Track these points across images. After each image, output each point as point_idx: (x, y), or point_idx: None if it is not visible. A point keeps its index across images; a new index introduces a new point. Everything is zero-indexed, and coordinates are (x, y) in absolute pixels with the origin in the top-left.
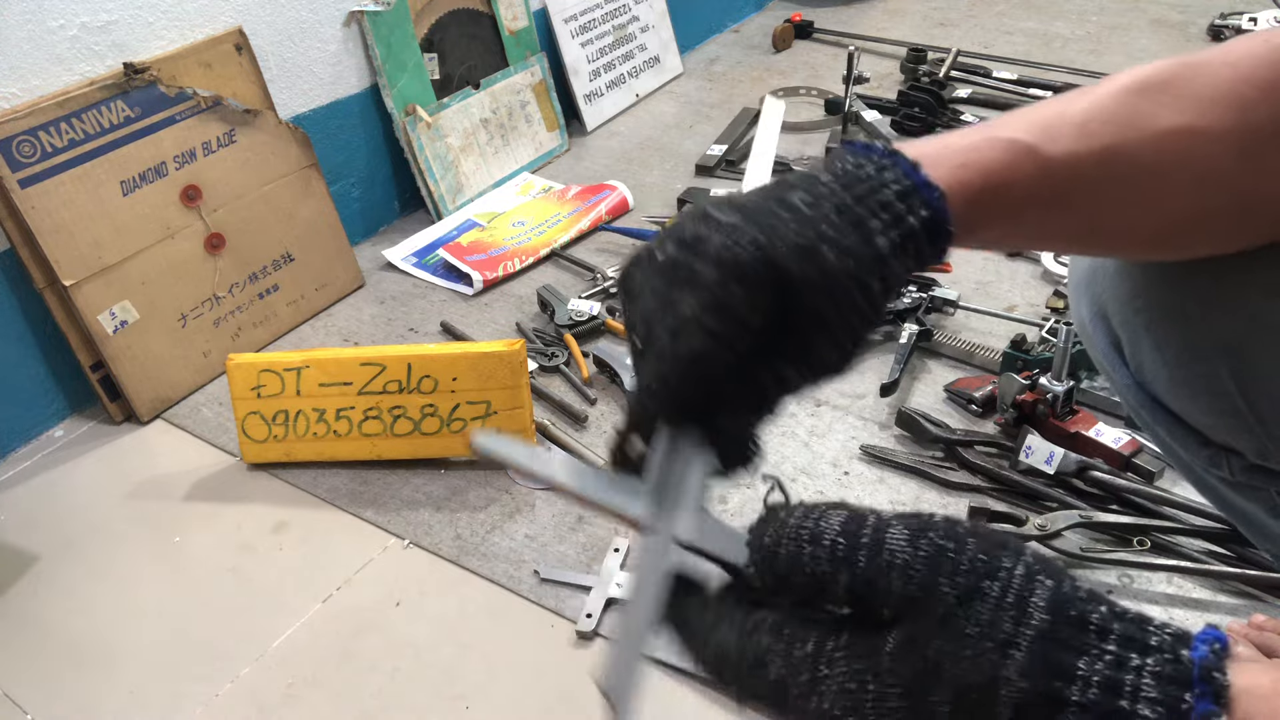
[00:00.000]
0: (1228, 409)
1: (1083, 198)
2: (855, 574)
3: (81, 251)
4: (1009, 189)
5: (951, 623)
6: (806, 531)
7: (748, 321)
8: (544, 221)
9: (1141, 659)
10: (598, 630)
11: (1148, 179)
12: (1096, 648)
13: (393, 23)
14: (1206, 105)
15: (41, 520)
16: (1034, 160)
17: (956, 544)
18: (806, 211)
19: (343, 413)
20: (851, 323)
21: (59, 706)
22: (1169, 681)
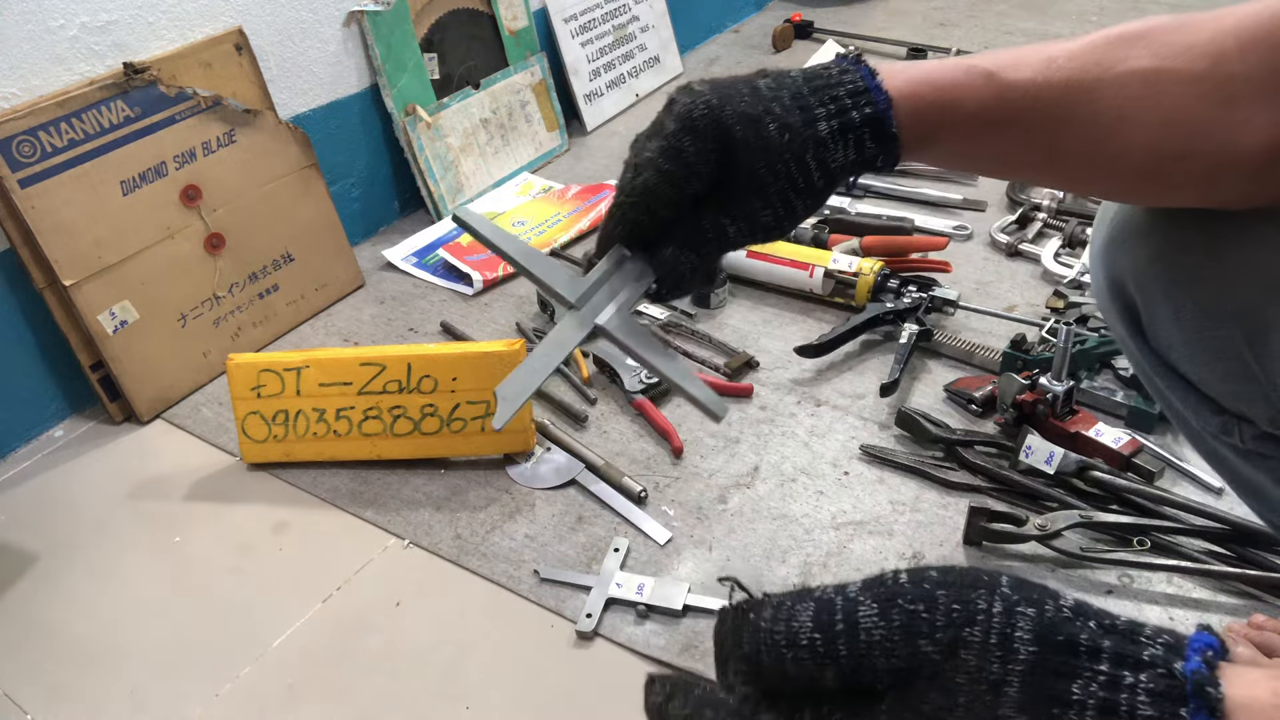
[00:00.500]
0: (1242, 374)
1: (1038, 123)
2: (840, 666)
3: (81, 251)
4: (959, 104)
5: (940, 678)
6: (781, 635)
7: (694, 166)
8: (544, 221)
9: (1135, 676)
10: (598, 630)
11: (1108, 112)
12: (1089, 670)
13: (393, 23)
14: (1179, 51)
15: (41, 520)
16: (990, 83)
17: (928, 603)
18: (764, 92)
19: (343, 413)
20: (783, 189)
21: (59, 706)
22: (1164, 698)
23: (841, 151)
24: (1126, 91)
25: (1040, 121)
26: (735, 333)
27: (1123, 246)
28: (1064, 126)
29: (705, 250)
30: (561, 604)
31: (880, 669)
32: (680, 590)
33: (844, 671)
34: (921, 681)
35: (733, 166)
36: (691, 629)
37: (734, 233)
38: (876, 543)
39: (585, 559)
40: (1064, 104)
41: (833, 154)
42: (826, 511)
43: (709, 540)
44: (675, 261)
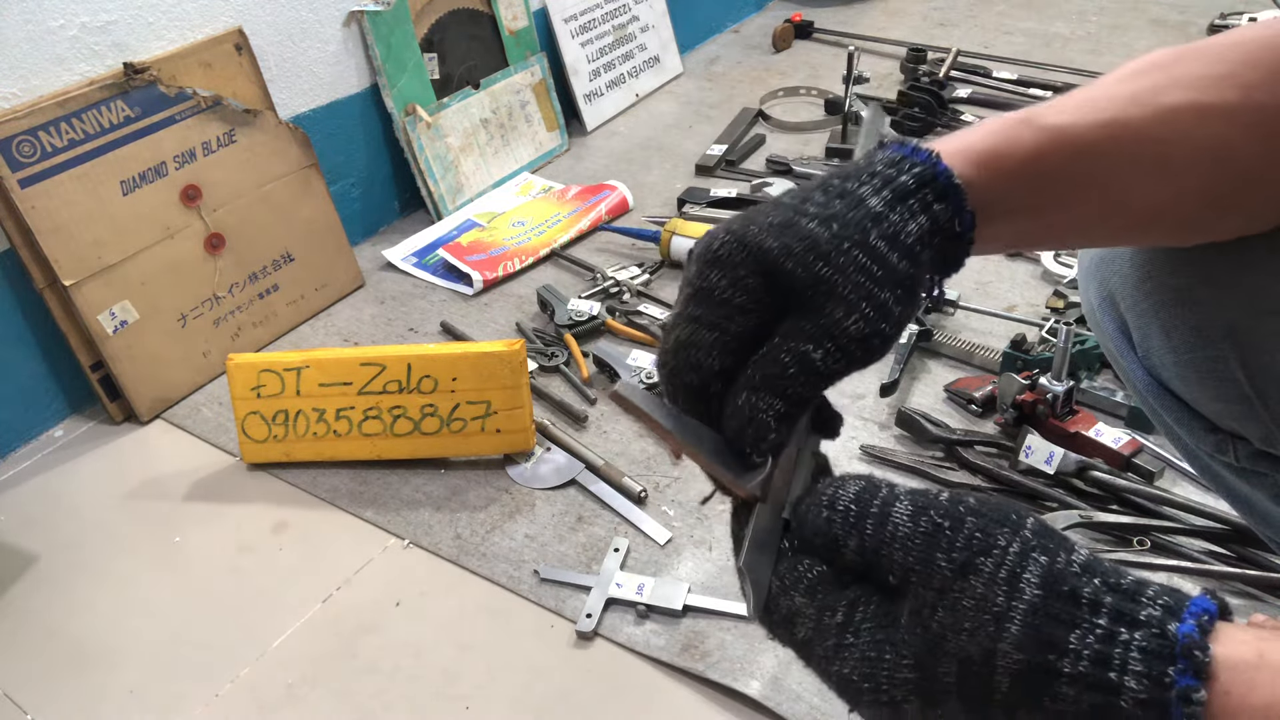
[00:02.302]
0: (1234, 395)
1: (1090, 168)
2: (863, 541)
3: (81, 251)
4: (1010, 152)
5: (949, 595)
6: (827, 497)
7: (730, 300)
8: (544, 221)
9: (1130, 633)
10: (598, 630)
11: (1155, 151)
12: (1088, 621)
13: (393, 23)
14: (1210, 84)
15: (41, 520)
16: (1030, 127)
17: (954, 522)
18: (789, 200)
19: (343, 413)
20: (861, 284)
21: (59, 706)
22: (1154, 656)
23: (907, 219)
24: (1169, 129)
25: (1091, 166)
26: None
27: (1113, 264)
28: (1114, 169)
29: (786, 387)
30: (561, 604)
31: (897, 562)
32: (680, 590)
33: (864, 549)
34: (931, 593)
35: (789, 287)
36: (691, 629)
37: (821, 357)
38: None
39: (585, 559)
40: (1111, 146)
41: (898, 225)
42: None
43: (709, 540)
44: (750, 414)
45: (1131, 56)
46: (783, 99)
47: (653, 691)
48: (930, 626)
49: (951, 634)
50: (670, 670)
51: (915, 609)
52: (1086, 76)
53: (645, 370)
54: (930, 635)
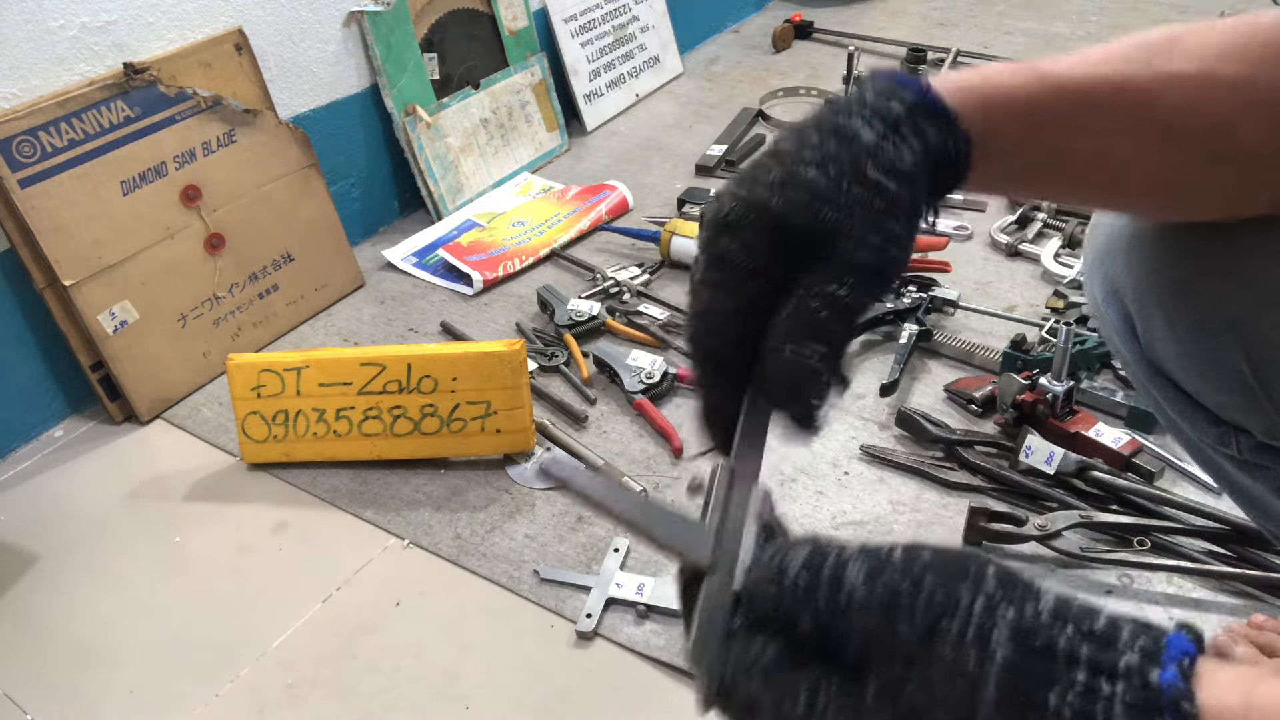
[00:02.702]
0: (1237, 386)
1: (1087, 118)
2: (817, 614)
3: (81, 251)
4: (1011, 96)
5: (916, 666)
6: (776, 566)
7: (743, 262)
8: (544, 221)
9: (1111, 687)
10: (598, 630)
11: (1155, 114)
12: (1065, 678)
13: (393, 23)
14: (1219, 57)
15: (41, 520)
16: (1036, 74)
17: (912, 582)
18: (787, 147)
19: (343, 413)
20: (867, 216)
21: (59, 706)
22: (1140, 711)
23: (901, 147)
24: (1175, 94)
25: (1096, 119)
26: None
27: (1118, 257)
28: (1119, 126)
29: (822, 328)
30: (561, 604)
31: (854, 632)
32: None
33: (819, 622)
34: (898, 664)
35: (801, 237)
36: None
37: (845, 292)
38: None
39: (585, 559)
40: (1117, 101)
41: (893, 154)
42: (826, 512)
43: None
44: (795, 361)
45: None
46: (783, 99)
47: (653, 691)
48: (901, 703)
49: (925, 709)
50: (670, 670)
51: (883, 685)
52: None
53: (645, 370)
54: (903, 712)
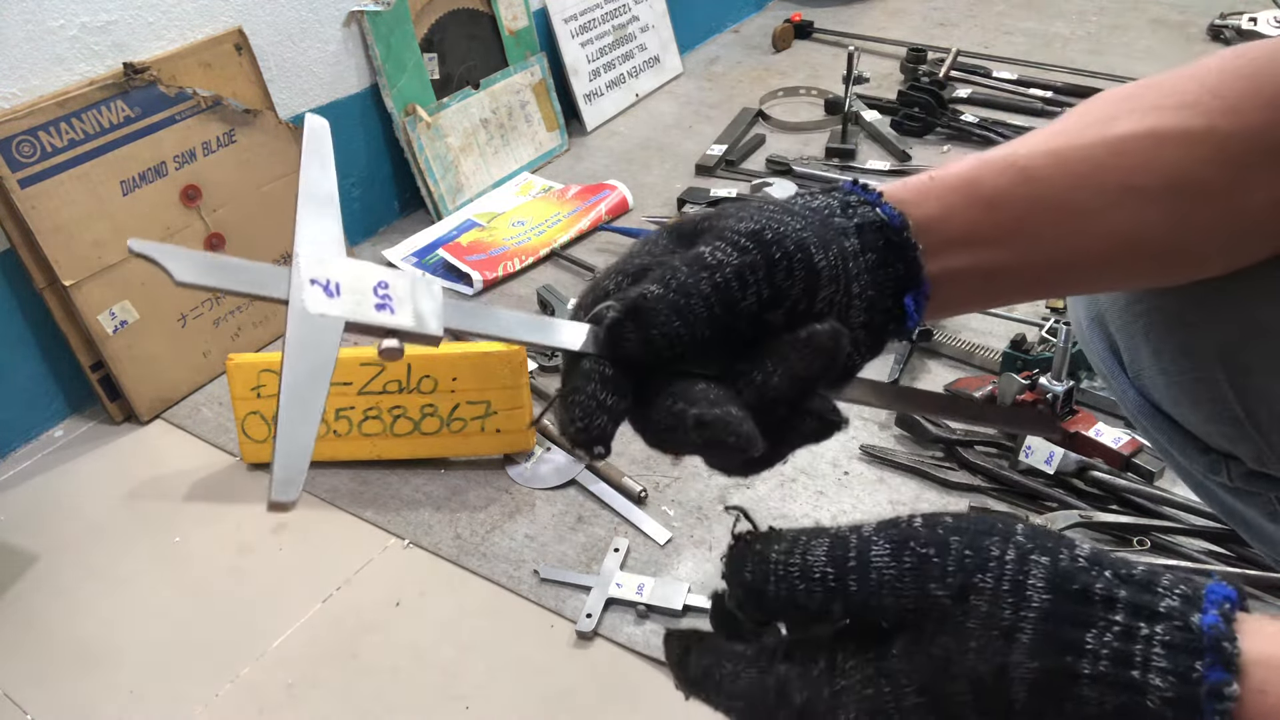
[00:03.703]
0: (1225, 416)
1: (1039, 193)
2: (849, 601)
3: (81, 251)
4: (951, 176)
5: (951, 621)
6: (796, 568)
7: None
8: (544, 221)
9: (1150, 628)
10: (598, 630)
11: (1108, 178)
12: (1103, 619)
13: (393, 23)
14: (1169, 112)
15: (41, 520)
16: (983, 160)
17: (939, 548)
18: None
19: (342, 413)
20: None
21: (59, 706)
22: (1180, 651)
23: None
24: (1125, 158)
25: (1042, 191)
26: None
27: None
28: (1070, 196)
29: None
30: (561, 604)
31: (889, 607)
32: (680, 590)
33: (852, 606)
34: (931, 624)
35: None
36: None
37: None
38: None
39: (585, 559)
40: (1060, 171)
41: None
42: (826, 511)
43: (709, 540)
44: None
45: (1131, 57)
46: (783, 99)
47: (653, 691)
48: (932, 653)
49: (957, 656)
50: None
51: (912, 639)
52: (1087, 77)
53: None
54: (934, 661)
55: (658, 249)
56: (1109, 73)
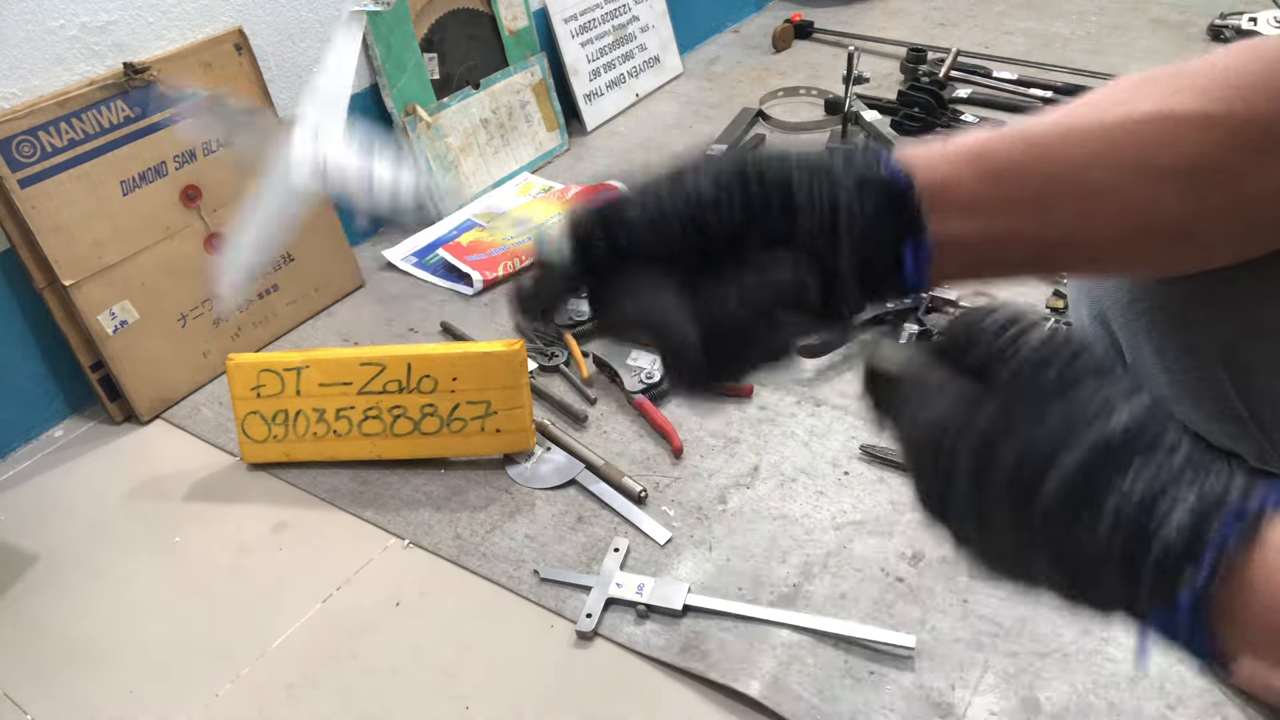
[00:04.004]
0: (1227, 414)
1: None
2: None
3: (81, 251)
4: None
5: (1044, 400)
6: (980, 314)
7: None
8: (544, 221)
9: (1196, 480)
10: (598, 630)
11: (1123, 156)
12: (1166, 452)
13: (393, 23)
14: (1186, 95)
15: (41, 520)
16: (1001, 133)
17: (1073, 353)
18: None
19: (343, 413)
20: None
21: (59, 706)
22: (1209, 501)
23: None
24: (1143, 137)
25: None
26: None
27: (1105, 282)
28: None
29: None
30: (561, 604)
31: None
32: (680, 590)
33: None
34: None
35: None
36: (691, 629)
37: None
38: (876, 543)
39: (585, 559)
40: (1078, 148)
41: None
42: (826, 511)
43: (709, 540)
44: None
45: (1131, 57)
46: (783, 99)
47: (653, 691)
48: (1015, 407)
49: (1033, 420)
50: (670, 670)
51: (996, 389)
52: (1086, 77)
53: (645, 370)
54: (1013, 413)
55: None
56: (1109, 73)
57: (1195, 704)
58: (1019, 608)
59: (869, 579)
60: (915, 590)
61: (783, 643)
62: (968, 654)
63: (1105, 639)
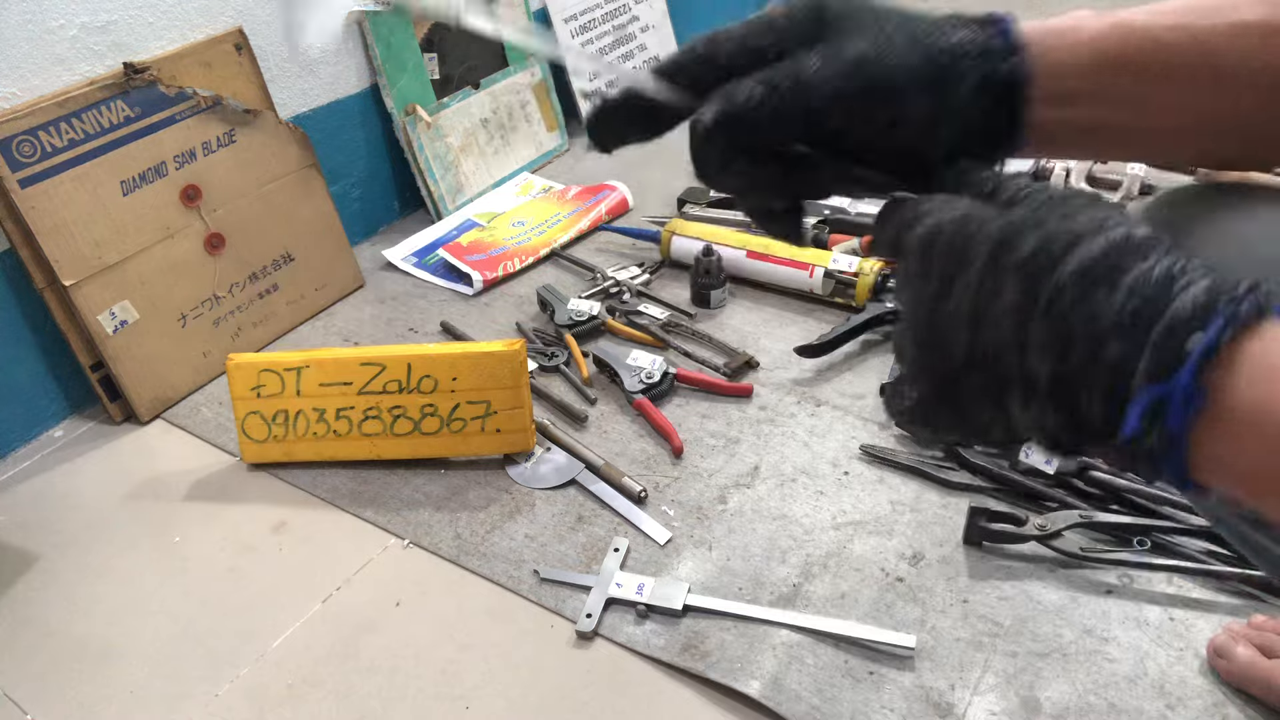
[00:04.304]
0: None
1: (1156, 60)
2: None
3: (81, 251)
4: (1077, 29)
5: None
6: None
7: None
8: (544, 221)
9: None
10: (598, 630)
11: (1219, 61)
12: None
13: (393, 23)
14: None
15: (41, 520)
16: (1105, 18)
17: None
18: None
19: (343, 413)
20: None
21: (59, 706)
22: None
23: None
24: (1241, 43)
25: (1177, 70)
26: (735, 333)
27: None
28: (1184, 71)
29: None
30: (561, 604)
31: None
32: (680, 590)
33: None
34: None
35: None
36: (691, 629)
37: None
38: (876, 542)
39: (585, 559)
40: (1182, 42)
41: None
42: (826, 511)
43: (709, 540)
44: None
45: None
46: None
47: (653, 691)
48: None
49: (1060, 219)
50: (670, 670)
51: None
52: None
53: (645, 370)
54: (1041, 213)
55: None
56: None
57: (1195, 704)
58: (1019, 608)
59: (869, 579)
60: (915, 590)
61: (783, 643)
62: (968, 654)
63: (1105, 639)
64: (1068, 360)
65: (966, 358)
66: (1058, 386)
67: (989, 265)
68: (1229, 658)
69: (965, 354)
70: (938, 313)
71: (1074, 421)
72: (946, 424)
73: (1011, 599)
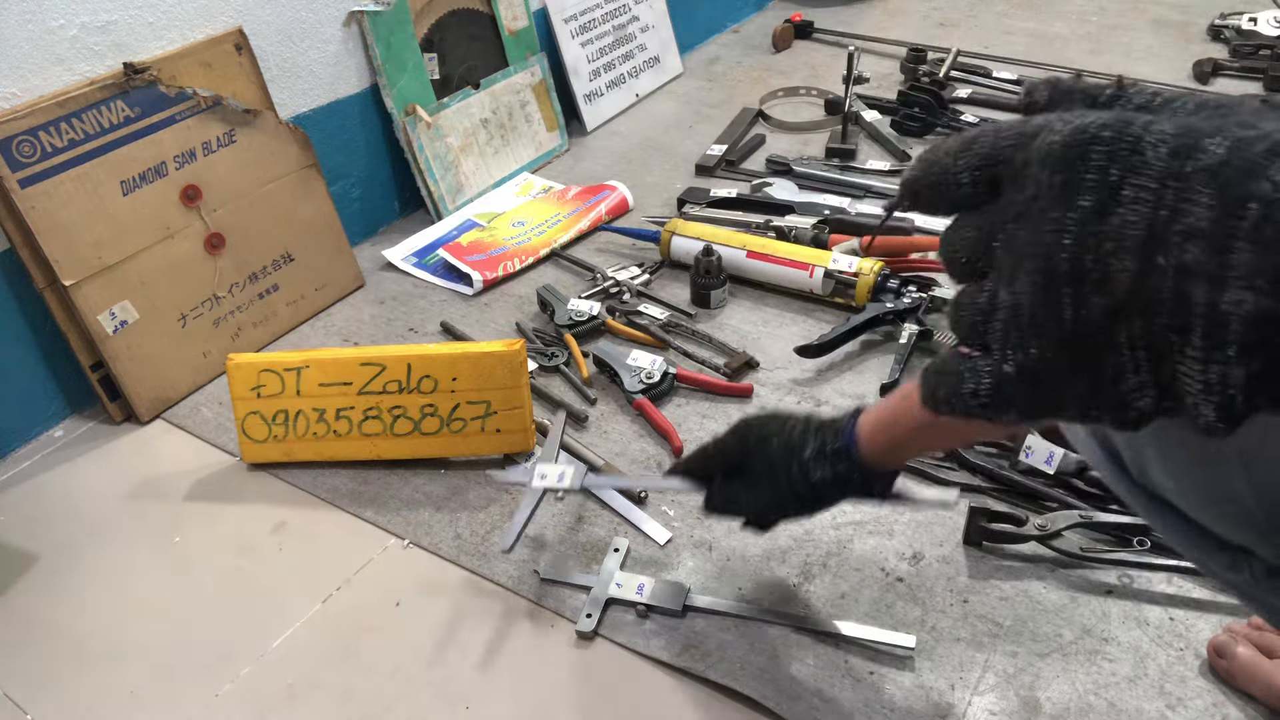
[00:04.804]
0: (1244, 519)
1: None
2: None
3: (81, 251)
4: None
5: None
6: None
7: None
8: (544, 221)
9: None
10: (598, 630)
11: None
12: None
13: (393, 23)
14: None
15: (41, 520)
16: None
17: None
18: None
19: (343, 413)
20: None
21: (59, 706)
22: None
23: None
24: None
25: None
26: (735, 333)
27: None
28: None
29: (722, 509)
30: (561, 604)
31: None
32: (680, 590)
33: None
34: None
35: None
36: (691, 629)
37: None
38: (876, 542)
39: (585, 559)
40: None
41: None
42: (827, 512)
43: (709, 540)
44: (714, 498)
45: (1131, 57)
46: (783, 99)
47: (653, 691)
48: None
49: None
50: (670, 670)
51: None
52: (1086, 76)
53: (645, 370)
54: (1199, 116)
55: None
56: (1109, 73)
57: (1195, 704)
58: (1019, 608)
59: (869, 579)
60: (915, 590)
61: (783, 643)
62: (968, 654)
63: (1105, 639)
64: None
65: (1130, 293)
66: (1263, 329)
67: (1168, 171)
68: (1229, 658)
69: (1129, 289)
70: (1089, 236)
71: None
72: (1051, 399)
73: (1011, 599)
